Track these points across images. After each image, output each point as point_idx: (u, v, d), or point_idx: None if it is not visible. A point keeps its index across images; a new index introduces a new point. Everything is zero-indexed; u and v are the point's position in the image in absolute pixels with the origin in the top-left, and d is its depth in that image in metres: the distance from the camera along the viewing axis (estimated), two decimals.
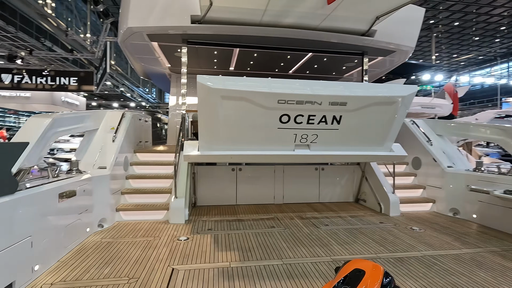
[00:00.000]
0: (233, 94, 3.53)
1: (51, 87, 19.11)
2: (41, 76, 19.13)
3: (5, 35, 18.39)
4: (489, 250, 3.47)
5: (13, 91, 21.42)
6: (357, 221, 4.63)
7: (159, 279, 2.66)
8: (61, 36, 18.75)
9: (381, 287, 2.12)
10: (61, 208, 3.10)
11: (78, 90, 19.55)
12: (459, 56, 37.34)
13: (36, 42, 19.22)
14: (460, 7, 24.24)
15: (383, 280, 2.18)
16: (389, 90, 4.04)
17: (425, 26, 28.78)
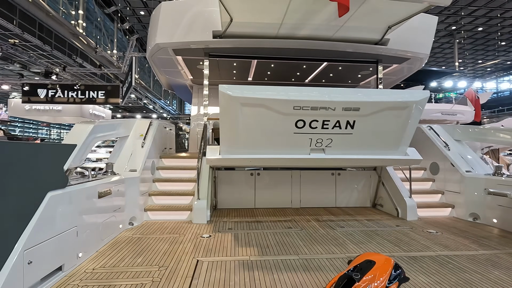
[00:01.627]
0: (252, 101, 3.84)
1: (81, 100, 20.49)
2: (73, 90, 20.59)
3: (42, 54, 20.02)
4: (506, 252, 3.49)
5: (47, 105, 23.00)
6: (373, 224, 4.72)
7: (186, 268, 2.93)
8: (90, 53, 20.09)
9: (390, 277, 2.28)
10: (100, 204, 3.48)
11: (105, 103, 20.68)
12: (484, 62, 36.17)
13: (68, 59, 20.73)
14: (484, 12, 23.68)
15: (392, 271, 2.34)
16: (402, 95, 4.21)
17: (447, 33, 28.28)
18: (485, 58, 35.51)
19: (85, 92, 20.38)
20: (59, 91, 20.50)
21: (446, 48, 32.64)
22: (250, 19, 4.87)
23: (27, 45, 18.19)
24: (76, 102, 20.47)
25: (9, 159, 2.24)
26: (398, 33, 5.63)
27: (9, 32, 15.65)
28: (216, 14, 5.04)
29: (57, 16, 17.27)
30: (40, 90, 20.39)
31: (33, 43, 17.02)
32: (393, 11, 4.51)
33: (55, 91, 20.36)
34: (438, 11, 23.29)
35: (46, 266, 2.48)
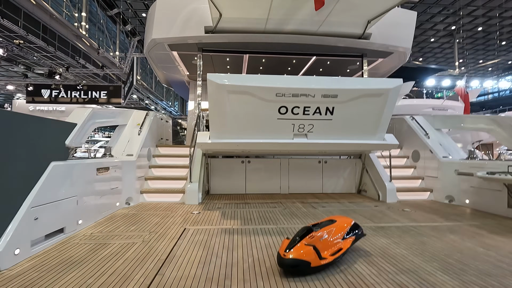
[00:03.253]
0: (237, 89, 4.21)
1: (83, 100, 20.99)
2: (76, 91, 21.12)
3: (46, 55, 20.54)
4: (468, 223, 3.80)
5: (50, 105, 23.44)
6: (354, 205, 5.05)
7: (174, 233, 3.28)
8: (93, 54, 20.55)
9: (348, 231, 2.63)
10: (98, 180, 3.84)
11: (108, 103, 21.09)
12: (485, 62, 36.29)
13: (71, 60, 21.22)
14: (483, 11, 23.87)
15: (350, 228, 2.69)
16: (377, 83, 4.56)
17: (447, 33, 28.51)
18: (486, 58, 35.64)
19: (88, 92, 20.85)
20: (62, 91, 21.00)
21: (446, 48, 32.84)
22: (238, 14, 5.23)
23: (32, 47, 18.72)
24: (79, 102, 20.95)
25: (19, 129, 2.61)
26: (380, 28, 5.98)
27: (14, 33, 16.15)
28: (208, 11, 5.41)
29: (61, 18, 17.76)
30: (44, 91, 20.91)
31: (37, 45, 17.51)
32: (370, 5, 4.86)
33: (58, 91, 20.86)
34: (437, 11, 23.61)
35: (50, 225, 2.84)
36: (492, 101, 40.35)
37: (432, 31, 28.29)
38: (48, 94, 21.03)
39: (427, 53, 34.76)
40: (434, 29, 27.82)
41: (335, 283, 2.10)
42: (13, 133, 2.53)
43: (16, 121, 2.60)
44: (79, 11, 21.59)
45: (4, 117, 2.51)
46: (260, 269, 2.32)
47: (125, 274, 2.19)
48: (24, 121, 2.68)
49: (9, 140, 2.46)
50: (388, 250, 2.79)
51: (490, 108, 36.71)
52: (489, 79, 38.38)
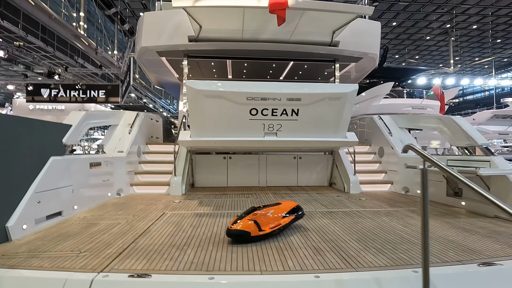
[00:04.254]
0: (212, 93, 4.87)
1: (82, 99, 21.60)
2: (74, 90, 21.72)
3: (45, 55, 21.11)
4: (407, 209, 4.45)
5: (50, 104, 23.99)
6: (319, 195, 5.70)
7: (153, 216, 3.94)
8: (91, 53, 21.11)
9: (289, 211, 3.28)
10: (91, 173, 4.49)
11: (106, 101, 21.65)
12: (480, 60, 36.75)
13: (70, 60, 21.78)
14: (477, 10, 24.34)
15: (292, 209, 3.34)
16: (335, 88, 5.22)
17: (442, 31, 29.01)
18: (481, 56, 36.11)
19: (87, 92, 21.43)
20: (62, 90, 21.60)
21: (442, 46, 33.33)
22: (217, 26, 5.85)
23: (31, 47, 19.29)
24: (78, 101, 21.55)
25: (24, 130, 3.25)
26: (349, 36, 6.60)
27: (14, 34, 16.72)
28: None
29: (59, 18, 18.29)
30: (44, 90, 21.50)
31: (36, 45, 18.08)
32: (330, 19, 5.48)
33: (57, 91, 21.46)
34: (431, 10, 24.12)
35: (50, 208, 3.49)
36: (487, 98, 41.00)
37: (427, 29, 28.80)
38: (47, 93, 21.63)
39: (423, 51, 35.28)
40: (429, 27, 28.32)
41: (267, 247, 2.75)
42: (21, 134, 3.17)
43: (23, 124, 3.24)
44: (77, 11, 22.09)
45: (13, 121, 3.16)
46: (214, 239, 2.98)
47: (108, 242, 2.85)
48: (29, 124, 3.33)
49: (17, 139, 3.11)
50: (324, 227, 3.45)
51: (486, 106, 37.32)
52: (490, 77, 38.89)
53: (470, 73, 40.73)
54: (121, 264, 2.33)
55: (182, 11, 6.31)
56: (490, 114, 13.03)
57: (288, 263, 2.38)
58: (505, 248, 2.73)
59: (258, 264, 2.36)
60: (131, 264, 2.33)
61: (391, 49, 35.12)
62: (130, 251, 2.61)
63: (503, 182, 3.84)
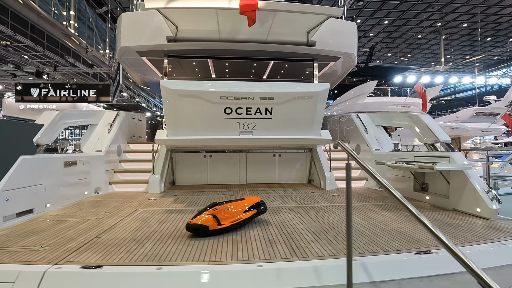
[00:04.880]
0: (187, 93, 4.98)
1: (73, 99, 21.51)
2: (64, 89, 21.63)
3: (35, 54, 20.96)
4: (373, 204, 4.62)
5: (41, 104, 23.83)
6: (295, 192, 5.84)
7: (125, 213, 4.05)
8: (82, 52, 20.99)
9: (251, 206, 3.41)
10: (66, 172, 4.58)
11: (97, 101, 21.56)
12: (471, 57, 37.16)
13: (60, 59, 21.65)
14: (467, 9, 24.64)
15: (254, 204, 3.47)
16: (307, 87, 5.35)
17: (433, 29, 29.32)
18: (472, 54, 36.53)
19: (77, 91, 21.32)
20: (51, 90, 21.47)
21: (434, 44, 33.66)
22: (193, 27, 5.94)
23: (20, 46, 19.14)
24: (68, 100, 21.46)
25: None
26: (325, 36, 6.73)
27: (2, 33, 16.59)
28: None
29: (49, 17, 18.16)
30: (33, 90, 21.35)
31: (25, 44, 17.95)
32: (303, 20, 5.60)
33: (47, 90, 21.33)
34: (422, 8, 24.38)
35: (20, 205, 3.58)
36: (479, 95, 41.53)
37: (419, 28, 29.09)
38: (37, 93, 21.50)
39: (415, 49, 35.61)
40: (420, 26, 28.61)
41: (224, 240, 2.88)
42: None
43: None
44: (67, 9, 21.90)
45: None
46: (175, 234, 3.10)
47: (71, 238, 2.96)
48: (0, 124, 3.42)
49: None
50: (286, 221, 3.59)
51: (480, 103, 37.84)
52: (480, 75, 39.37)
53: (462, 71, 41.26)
54: (77, 257, 2.44)
55: (175, 15, 6.37)
56: (473, 111, 13.30)
57: (238, 254, 2.51)
58: None
59: (209, 255, 2.49)
60: (87, 257, 2.44)
61: (384, 47, 35.42)
62: (90, 245, 2.72)
63: (461, 176, 4.01)
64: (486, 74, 40.40)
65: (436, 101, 49.82)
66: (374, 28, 29.21)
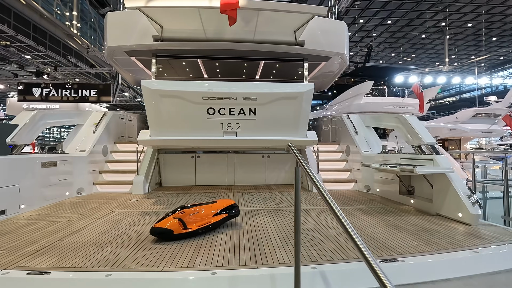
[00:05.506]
0: (168, 93, 4.91)
1: (74, 98, 21.62)
2: (65, 89, 21.75)
3: (37, 54, 21.14)
4: (355, 207, 4.50)
5: (44, 104, 24.04)
6: (281, 194, 5.73)
7: (99, 215, 3.99)
8: (84, 52, 21.13)
9: (222, 210, 3.33)
10: (44, 173, 4.54)
11: (98, 100, 21.63)
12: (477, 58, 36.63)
13: (62, 59, 21.80)
14: (471, 8, 24.29)
15: (226, 208, 3.39)
16: (291, 87, 5.25)
17: (437, 29, 28.96)
18: (478, 54, 36.02)
19: (78, 91, 21.43)
20: (53, 90, 21.64)
21: (438, 44, 33.26)
22: (178, 26, 5.87)
23: (23, 46, 19.31)
24: (69, 100, 21.60)
25: None
26: (314, 36, 6.62)
27: (5, 34, 16.74)
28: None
29: (51, 17, 18.30)
30: (35, 89, 21.55)
31: (27, 44, 18.11)
32: (288, 19, 5.49)
33: (49, 90, 21.51)
34: (426, 8, 24.07)
35: None
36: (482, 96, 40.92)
37: (423, 28, 28.75)
38: (39, 92, 21.68)
39: (419, 49, 35.21)
40: (424, 26, 28.28)
41: (188, 244, 2.80)
42: None
43: None
44: (70, 10, 22.04)
45: None
46: (141, 238, 3.03)
47: (34, 241, 2.90)
48: None
49: None
50: (260, 225, 3.50)
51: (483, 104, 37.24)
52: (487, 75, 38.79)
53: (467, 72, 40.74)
54: (30, 261, 2.38)
55: (157, 14, 6.32)
56: (472, 112, 13.04)
57: (196, 261, 2.43)
58: (420, 245, 2.77)
59: (166, 261, 2.41)
60: (40, 261, 2.38)
61: (387, 47, 35.11)
62: (48, 249, 2.66)
63: (443, 180, 3.88)
64: (492, 75, 39.80)
65: (440, 102, 49.28)
66: (377, 28, 28.93)
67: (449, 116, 14.18)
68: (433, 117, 29.56)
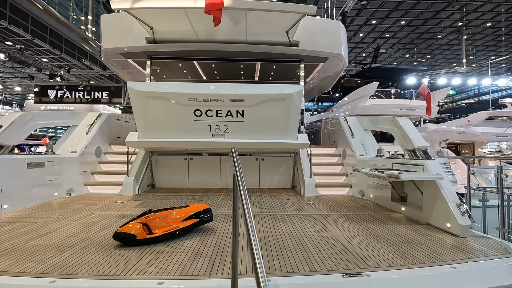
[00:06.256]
0: (154, 94, 4.87)
1: (87, 100, 22.38)
2: (79, 91, 22.52)
3: (53, 57, 21.87)
4: (341, 214, 4.29)
5: (60, 105, 24.96)
6: (271, 198, 5.57)
7: (78, 216, 3.98)
8: (97, 55, 21.70)
9: (193, 215, 3.23)
10: (29, 173, 4.59)
11: (110, 102, 22.21)
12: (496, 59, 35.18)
13: (77, 62, 22.47)
14: (490, 7, 23.35)
15: (199, 212, 3.29)
16: (279, 88, 5.10)
17: (454, 29, 28.01)
18: (497, 54, 34.59)
19: (91, 93, 22.11)
20: (67, 92, 22.47)
21: (455, 45, 32.18)
22: (168, 27, 5.86)
23: (40, 50, 20.05)
24: (82, 102, 22.40)
25: None
26: (309, 36, 6.47)
27: (23, 38, 17.43)
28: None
29: (67, 22, 18.95)
30: (50, 91, 22.41)
31: (44, 48, 18.80)
32: (277, 20, 5.37)
33: (63, 92, 22.34)
34: (442, 8, 23.31)
35: None
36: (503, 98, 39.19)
37: (438, 28, 27.85)
38: (54, 94, 22.55)
39: (435, 50, 34.12)
40: (440, 26, 27.38)
41: (149, 250, 2.71)
42: None
43: None
44: (85, 14, 22.70)
45: None
46: (105, 242, 2.96)
47: (0, 242, 2.89)
48: None
49: None
50: None
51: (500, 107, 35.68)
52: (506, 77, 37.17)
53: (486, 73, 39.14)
54: None
55: (145, 15, 6.36)
56: (485, 115, 12.43)
57: (149, 269, 2.33)
58: (395, 258, 2.57)
59: (117, 268, 2.33)
60: None
61: (401, 48, 34.25)
62: (8, 252, 2.64)
63: (433, 187, 3.63)
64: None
65: (457, 104, 47.54)
66: (390, 28, 28.20)
67: (462, 118, 13.58)
68: (449, 120, 28.55)
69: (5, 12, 16.14)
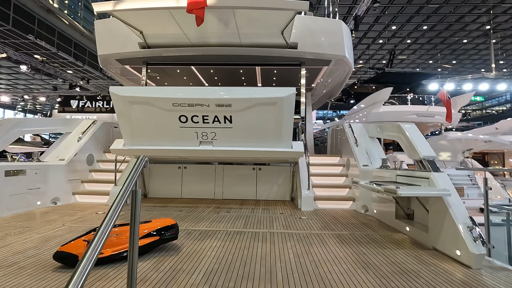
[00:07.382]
0: (137, 99, 4.61)
1: (106, 109, 23.18)
2: (98, 101, 23.40)
3: (77, 69, 22.86)
4: (334, 233, 3.75)
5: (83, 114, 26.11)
6: (263, 212, 5.09)
7: (49, 228, 3.73)
8: None
9: (156, 231, 2.86)
10: (7, 181, 4.43)
11: None
12: None
13: (99, 73, 23.38)
14: None
15: (161, 229, 2.91)
16: (269, 92, 4.69)
17: (481, 33, 26.55)
18: None
19: (110, 102, 22.93)
20: (88, 102, 23.42)
21: (482, 49, 30.49)
22: (157, 30, 5.65)
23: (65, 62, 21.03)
24: (102, 111, 23.26)
25: None
26: (309, 37, 6.05)
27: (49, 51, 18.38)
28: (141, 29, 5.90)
29: (91, 35, 19.92)
30: (73, 101, 23.44)
31: (68, 60, 19.76)
32: (269, 18, 4.99)
33: (84, 102, 23.30)
34: (467, 11, 22.12)
35: None
36: None
37: (464, 32, 26.47)
38: (76, 104, 23.56)
39: (461, 55, 32.44)
40: (465, 30, 26.01)
41: (94, 273, 2.35)
42: None
43: None
44: None
45: None
46: (47, 262, 2.62)
47: None
48: None
49: None
50: (204, 251, 2.94)
51: None
52: None
53: None
54: None
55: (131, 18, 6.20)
56: None
57: None
58: None
59: None
60: None
61: (424, 53, 32.91)
62: None
63: (440, 205, 3.04)
64: None
65: (486, 112, 44.68)
66: (411, 34, 27.06)
67: (489, 126, 12.43)
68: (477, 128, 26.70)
69: (33, 27, 17.05)
